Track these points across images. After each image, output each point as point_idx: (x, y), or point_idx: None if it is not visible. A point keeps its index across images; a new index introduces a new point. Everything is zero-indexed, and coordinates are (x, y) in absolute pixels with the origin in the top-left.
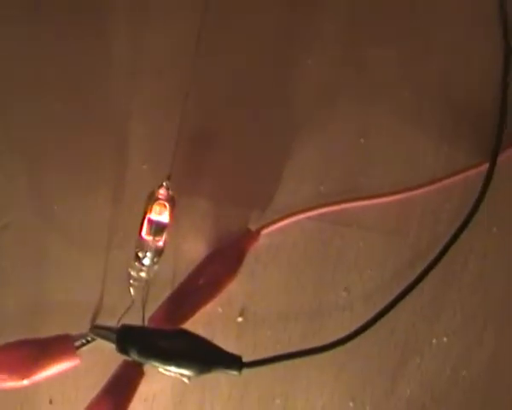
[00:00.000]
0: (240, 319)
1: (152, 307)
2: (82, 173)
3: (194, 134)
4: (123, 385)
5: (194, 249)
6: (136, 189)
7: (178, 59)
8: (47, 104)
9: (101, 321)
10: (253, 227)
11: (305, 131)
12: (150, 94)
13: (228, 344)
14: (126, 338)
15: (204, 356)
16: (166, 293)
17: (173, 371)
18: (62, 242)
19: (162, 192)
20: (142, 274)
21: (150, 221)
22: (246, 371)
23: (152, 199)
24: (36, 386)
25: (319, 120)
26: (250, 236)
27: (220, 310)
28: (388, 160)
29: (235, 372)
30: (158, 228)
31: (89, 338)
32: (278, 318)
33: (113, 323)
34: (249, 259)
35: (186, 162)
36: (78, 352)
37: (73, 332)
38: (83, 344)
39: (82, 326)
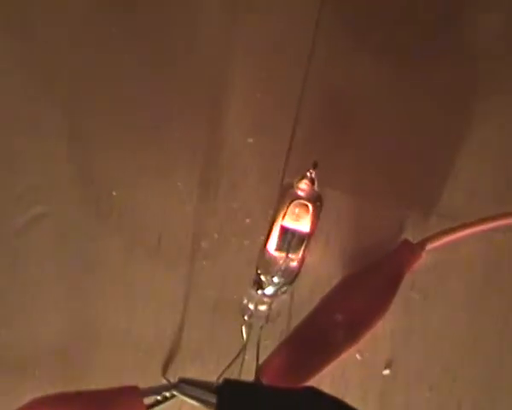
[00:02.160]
0: (386, 372)
1: (261, 353)
2: (156, 148)
3: (323, 100)
4: None
5: (326, 267)
6: (237, 170)
7: None
8: (109, 53)
9: (178, 367)
10: (412, 239)
11: (483, 107)
12: (261, 36)
13: (369, 406)
14: (231, 401)
15: None
16: (282, 330)
17: None
18: (121, 244)
19: (304, 188)
20: (262, 308)
21: (284, 230)
22: None
23: (288, 197)
24: None
25: (503, 95)
26: (409, 251)
27: (359, 357)
28: None
29: None
30: (294, 241)
31: (167, 394)
32: (442, 373)
33: (199, 370)
34: (403, 284)
35: (312, 139)
36: None
37: (139, 382)
38: (158, 403)
39: (151, 374)
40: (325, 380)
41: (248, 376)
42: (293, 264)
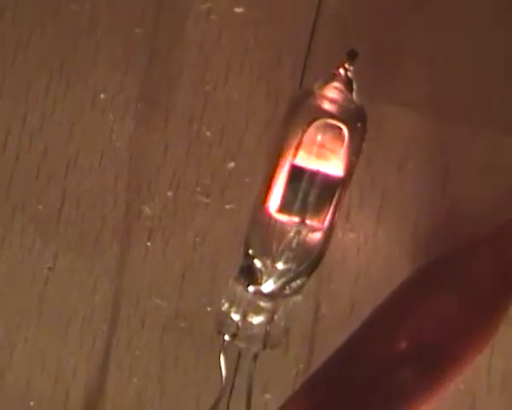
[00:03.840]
0: None
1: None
2: None
3: None
4: None
5: (381, 249)
6: (211, 62)
7: None
8: None
9: None
10: None
11: None
12: None
13: None
14: None
15: None
16: (298, 367)
17: None
18: None
19: (335, 96)
20: (257, 320)
21: (296, 173)
22: None
23: (305, 112)
24: None
25: None
26: None
27: None
28: None
29: None
30: (315, 193)
31: None
32: None
33: None
34: None
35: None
36: None
37: None
38: None
39: None
40: None
41: None
42: (314, 237)
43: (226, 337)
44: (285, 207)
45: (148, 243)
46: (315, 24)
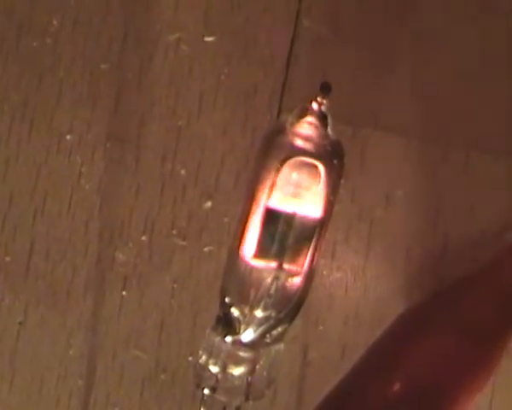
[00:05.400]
0: None
1: None
2: None
3: None
4: None
5: (370, 289)
6: (183, 93)
7: None
8: None
9: None
10: None
11: None
12: None
13: None
14: None
15: None
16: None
17: None
18: None
19: (308, 132)
20: (237, 371)
21: (271, 217)
22: None
23: (278, 150)
24: None
25: None
26: None
27: None
28: None
29: None
30: (293, 237)
31: None
32: None
33: None
34: None
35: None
36: None
37: None
38: None
39: None
40: None
41: None
42: (294, 282)
43: (206, 391)
44: (261, 253)
45: (124, 292)
46: (292, 48)
